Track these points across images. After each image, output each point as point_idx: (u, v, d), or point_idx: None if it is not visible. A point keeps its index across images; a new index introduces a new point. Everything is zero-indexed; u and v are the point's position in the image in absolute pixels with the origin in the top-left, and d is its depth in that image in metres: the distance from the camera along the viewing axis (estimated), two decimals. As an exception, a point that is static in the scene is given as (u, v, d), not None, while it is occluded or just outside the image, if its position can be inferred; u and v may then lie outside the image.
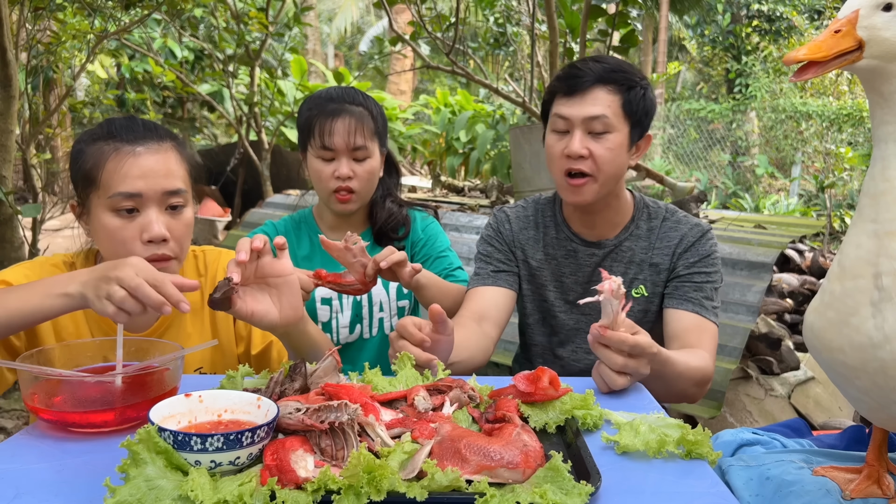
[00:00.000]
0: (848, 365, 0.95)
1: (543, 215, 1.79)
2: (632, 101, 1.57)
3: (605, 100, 1.56)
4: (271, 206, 4.93)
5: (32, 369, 1.07)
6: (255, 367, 1.49)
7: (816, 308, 1.01)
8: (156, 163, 1.33)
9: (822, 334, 0.98)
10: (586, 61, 1.61)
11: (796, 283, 4.39)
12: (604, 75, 1.56)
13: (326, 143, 1.73)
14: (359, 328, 1.87)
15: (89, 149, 1.35)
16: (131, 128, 1.36)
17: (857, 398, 1.00)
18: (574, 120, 1.57)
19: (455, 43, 4.38)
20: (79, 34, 4.37)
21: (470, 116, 10.39)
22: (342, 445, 0.92)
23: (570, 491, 0.84)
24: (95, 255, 1.47)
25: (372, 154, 1.77)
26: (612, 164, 1.58)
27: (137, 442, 0.84)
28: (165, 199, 1.34)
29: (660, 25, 14.29)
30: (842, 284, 0.95)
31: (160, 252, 1.33)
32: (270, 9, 6.04)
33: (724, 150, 12.78)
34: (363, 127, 1.74)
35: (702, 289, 1.63)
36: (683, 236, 1.68)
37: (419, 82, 18.19)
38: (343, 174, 1.74)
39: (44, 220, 4.25)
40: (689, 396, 1.52)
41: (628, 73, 1.59)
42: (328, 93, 1.80)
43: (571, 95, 1.57)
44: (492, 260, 1.77)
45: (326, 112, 1.74)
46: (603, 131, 1.56)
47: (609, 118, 1.55)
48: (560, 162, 1.60)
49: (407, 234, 1.90)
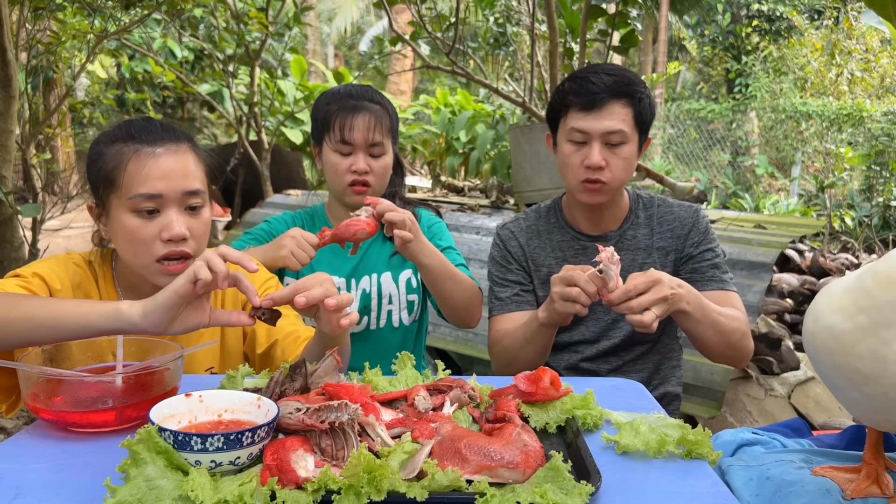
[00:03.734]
0: (861, 372, 0.93)
1: (547, 222, 1.86)
2: (642, 111, 1.67)
3: (620, 114, 1.65)
4: (271, 206, 4.93)
5: (32, 369, 1.07)
6: (259, 366, 1.49)
7: (845, 309, 0.95)
8: (175, 164, 1.35)
9: (843, 337, 0.94)
10: (597, 73, 1.67)
11: (796, 283, 4.39)
12: (619, 90, 1.64)
13: (346, 137, 1.76)
14: (366, 319, 1.88)
15: (108, 150, 1.36)
16: (150, 129, 1.37)
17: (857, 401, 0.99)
18: (593, 134, 1.65)
19: (455, 43, 4.37)
20: (79, 34, 4.36)
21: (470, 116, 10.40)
22: (342, 445, 0.92)
23: (570, 491, 0.84)
24: (111, 255, 1.47)
25: (387, 151, 1.82)
26: (627, 171, 1.69)
27: (137, 442, 0.84)
28: (185, 200, 1.35)
29: (660, 25, 14.30)
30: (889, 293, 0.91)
31: (179, 249, 1.34)
32: (270, 9, 6.04)
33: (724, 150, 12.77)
34: (381, 124, 1.78)
35: (717, 265, 1.75)
36: (680, 218, 1.79)
37: (419, 82, 18.20)
38: (360, 168, 1.77)
39: (44, 220, 4.24)
40: (734, 347, 1.61)
41: (635, 83, 1.66)
42: (347, 89, 1.83)
43: (589, 111, 1.65)
44: (508, 282, 1.82)
45: (347, 107, 1.77)
46: (619, 143, 1.66)
47: (626, 131, 1.65)
48: (578, 171, 1.69)
49: None
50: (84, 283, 1.41)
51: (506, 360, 1.71)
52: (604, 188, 1.68)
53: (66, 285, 1.36)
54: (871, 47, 11.90)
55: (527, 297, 1.82)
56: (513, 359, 1.68)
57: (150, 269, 1.35)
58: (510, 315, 1.78)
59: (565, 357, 1.84)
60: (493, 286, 1.86)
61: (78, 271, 1.41)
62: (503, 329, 1.75)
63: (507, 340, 1.69)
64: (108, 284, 1.45)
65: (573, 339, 1.82)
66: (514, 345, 1.67)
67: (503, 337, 1.72)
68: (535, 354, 1.64)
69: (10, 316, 1.13)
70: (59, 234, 7.34)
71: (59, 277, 1.36)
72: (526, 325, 1.64)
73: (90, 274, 1.44)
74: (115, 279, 1.46)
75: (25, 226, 3.87)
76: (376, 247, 1.92)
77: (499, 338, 1.74)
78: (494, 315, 1.81)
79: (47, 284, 1.33)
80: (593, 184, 1.67)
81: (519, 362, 1.65)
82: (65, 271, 1.38)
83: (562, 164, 1.73)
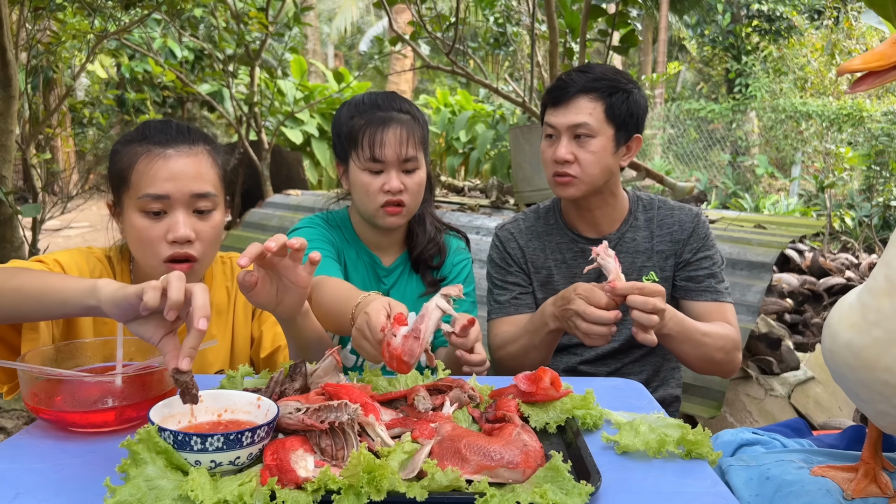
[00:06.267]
0: (891, 384, 0.91)
1: (546, 223, 1.85)
2: (614, 105, 1.67)
3: (587, 107, 1.67)
4: (271, 206, 4.93)
5: (32, 369, 1.07)
6: (262, 369, 1.50)
7: (857, 325, 0.94)
8: (185, 165, 1.35)
9: (864, 353, 0.93)
10: (571, 73, 1.71)
11: (796, 283, 4.39)
12: (586, 84, 1.67)
13: (377, 154, 1.58)
14: None
15: (124, 150, 1.38)
16: (164, 130, 1.38)
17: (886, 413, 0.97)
18: (560, 127, 1.69)
19: (455, 43, 4.37)
20: (79, 34, 4.37)
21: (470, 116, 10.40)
22: (342, 445, 0.92)
23: (570, 491, 0.84)
24: (129, 252, 1.49)
25: (421, 165, 1.65)
26: (596, 165, 1.68)
27: (137, 442, 0.84)
28: (193, 202, 1.35)
29: (660, 25, 14.30)
30: (892, 302, 0.90)
31: (184, 251, 1.34)
32: (270, 9, 6.04)
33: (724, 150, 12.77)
34: (413, 136, 1.61)
35: (713, 275, 1.74)
36: (680, 222, 1.78)
37: (419, 82, 18.20)
38: (394, 188, 1.59)
39: (44, 220, 4.24)
40: (719, 363, 1.62)
41: (612, 79, 1.68)
42: (372, 99, 1.66)
43: (557, 106, 1.69)
44: (507, 285, 1.82)
45: (375, 121, 1.60)
46: (586, 136, 1.67)
47: (591, 124, 1.66)
48: (550, 166, 1.72)
49: (442, 263, 1.80)
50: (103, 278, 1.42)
51: (512, 366, 1.68)
52: (573, 181, 1.68)
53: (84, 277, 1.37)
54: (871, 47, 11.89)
55: (525, 299, 1.81)
56: (520, 365, 1.65)
57: (158, 269, 1.35)
58: (509, 318, 1.78)
59: (564, 359, 1.83)
60: (492, 288, 1.85)
61: (98, 265, 1.43)
62: (503, 333, 1.74)
63: (513, 347, 1.67)
64: (125, 281, 1.46)
65: (572, 341, 1.81)
66: (521, 351, 1.65)
67: (506, 343, 1.70)
68: (542, 358, 1.64)
69: (5, 287, 1.12)
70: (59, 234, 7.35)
71: (80, 268, 1.37)
72: (533, 333, 1.61)
73: (109, 269, 1.45)
74: (132, 275, 1.48)
75: (25, 226, 3.87)
76: (403, 281, 1.78)
77: (501, 343, 1.73)
78: (493, 318, 1.81)
79: (66, 273, 1.33)
80: (562, 177, 1.69)
81: (526, 367, 1.64)
82: (85, 263, 1.40)
83: (542, 161, 1.77)
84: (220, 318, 1.54)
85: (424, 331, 1.08)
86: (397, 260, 1.78)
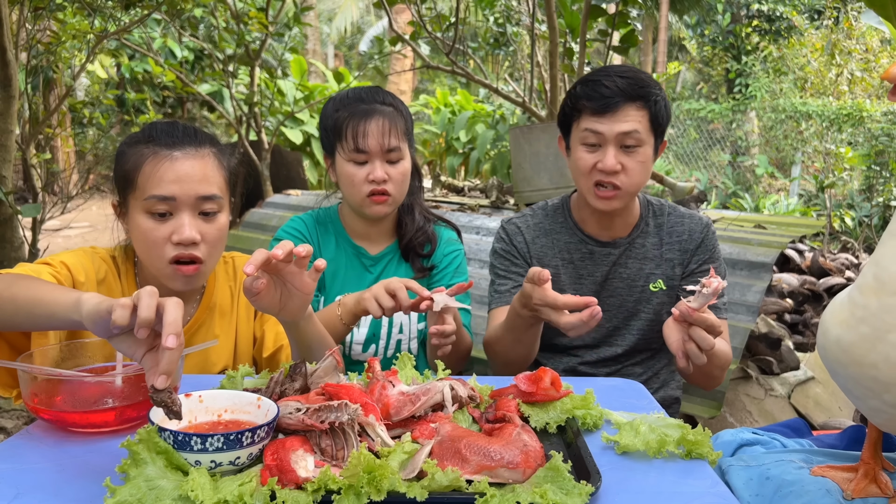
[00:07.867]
0: (880, 380, 0.93)
1: (554, 221, 1.82)
2: (658, 114, 1.64)
3: (635, 116, 1.61)
4: (271, 206, 4.93)
5: (32, 369, 1.07)
6: (264, 368, 1.50)
7: (845, 321, 0.96)
8: (191, 167, 1.35)
9: (852, 349, 0.94)
10: (610, 76, 1.63)
11: (796, 283, 4.39)
12: (630, 92, 1.61)
13: (360, 145, 1.65)
14: (373, 348, 1.81)
15: (130, 151, 1.38)
16: (171, 132, 1.38)
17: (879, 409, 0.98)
18: (607, 136, 1.62)
19: (455, 43, 4.37)
20: (79, 34, 4.36)
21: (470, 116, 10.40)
22: (342, 445, 0.92)
23: (570, 491, 0.84)
24: (134, 252, 1.49)
25: (405, 155, 1.71)
26: (642, 174, 1.66)
27: (137, 442, 0.84)
28: (199, 205, 1.36)
29: (660, 25, 14.29)
30: (879, 299, 0.91)
31: (189, 253, 1.34)
32: (270, 9, 6.04)
33: (724, 150, 12.76)
34: (395, 127, 1.67)
35: None
36: (690, 231, 1.76)
37: (419, 82, 18.20)
38: (378, 177, 1.66)
39: (44, 220, 4.24)
40: (714, 379, 1.64)
41: (649, 85, 1.63)
42: (356, 92, 1.73)
43: (602, 115, 1.62)
44: (510, 274, 1.80)
45: (358, 113, 1.67)
46: (635, 145, 1.62)
47: (640, 133, 1.62)
48: (592, 174, 1.65)
49: (433, 252, 1.84)
50: (108, 278, 1.43)
51: (500, 361, 1.70)
52: (619, 194, 1.64)
53: (90, 278, 1.37)
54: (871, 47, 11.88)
55: None
56: (505, 361, 1.68)
57: (164, 271, 1.36)
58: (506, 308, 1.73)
59: (564, 360, 1.82)
60: (494, 279, 1.82)
61: (103, 266, 1.43)
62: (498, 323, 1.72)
63: (499, 346, 1.66)
64: (130, 281, 1.47)
65: (573, 343, 1.79)
66: (504, 348, 1.65)
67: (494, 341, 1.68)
68: (527, 352, 1.63)
69: (3, 295, 1.11)
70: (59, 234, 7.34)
71: (86, 270, 1.37)
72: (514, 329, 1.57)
73: (114, 269, 1.45)
74: (137, 276, 1.48)
75: (25, 226, 3.87)
76: (391, 269, 1.83)
77: (491, 337, 1.70)
78: (493, 308, 1.79)
79: (72, 275, 1.34)
80: (607, 189, 1.64)
81: (513, 366, 1.64)
82: (91, 265, 1.40)
83: (574, 168, 1.70)
84: (223, 319, 1.54)
85: (422, 404, 1.05)
86: (385, 249, 1.83)
